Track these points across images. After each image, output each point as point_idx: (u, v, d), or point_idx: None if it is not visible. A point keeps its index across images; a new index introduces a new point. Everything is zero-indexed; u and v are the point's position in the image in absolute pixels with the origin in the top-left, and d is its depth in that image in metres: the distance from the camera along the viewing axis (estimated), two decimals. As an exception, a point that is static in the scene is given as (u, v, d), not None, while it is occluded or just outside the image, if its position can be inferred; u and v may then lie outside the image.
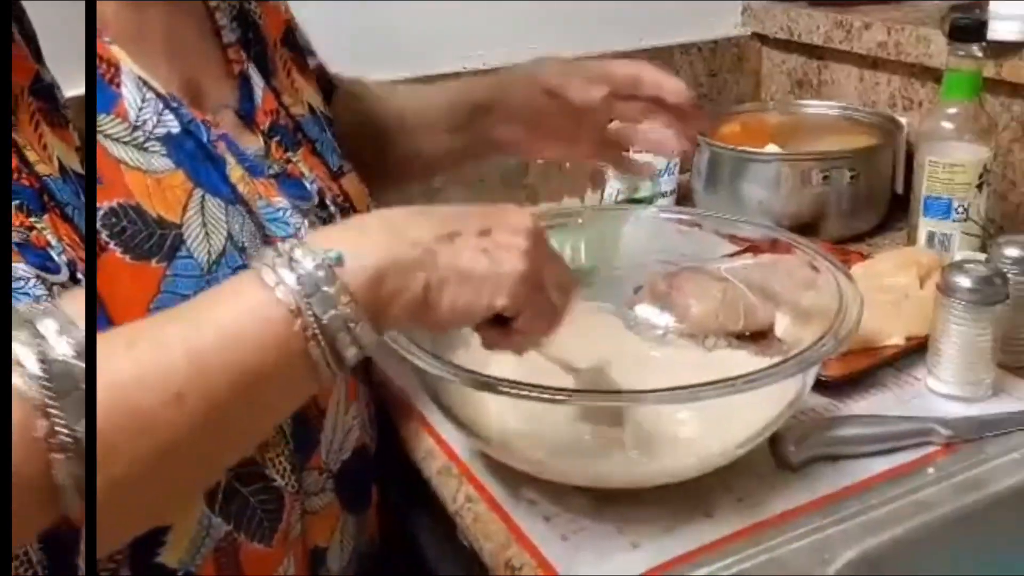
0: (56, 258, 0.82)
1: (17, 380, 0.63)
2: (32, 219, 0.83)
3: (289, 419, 0.98)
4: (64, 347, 0.65)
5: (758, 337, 1.21)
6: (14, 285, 0.78)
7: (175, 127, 0.92)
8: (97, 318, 0.72)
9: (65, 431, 0.63)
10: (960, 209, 1.42)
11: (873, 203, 1.66)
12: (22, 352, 0.64)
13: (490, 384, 0.91)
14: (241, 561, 0.98)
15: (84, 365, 0.64)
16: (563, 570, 0.92)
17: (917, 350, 1.23)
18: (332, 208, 1.05)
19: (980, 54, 1.34)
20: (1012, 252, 1.17)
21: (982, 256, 1.27)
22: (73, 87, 0.95)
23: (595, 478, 1.01)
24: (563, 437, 1.02)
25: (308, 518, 1.04)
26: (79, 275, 0.83)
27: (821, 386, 1.15)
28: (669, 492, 0.99)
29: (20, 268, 0.79)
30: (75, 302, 0.70)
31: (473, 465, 1.08)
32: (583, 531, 0.97)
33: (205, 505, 0.93)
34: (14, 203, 0.83)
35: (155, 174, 0.89)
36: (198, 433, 0.72)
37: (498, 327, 0.87)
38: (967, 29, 1.34)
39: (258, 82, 1.05)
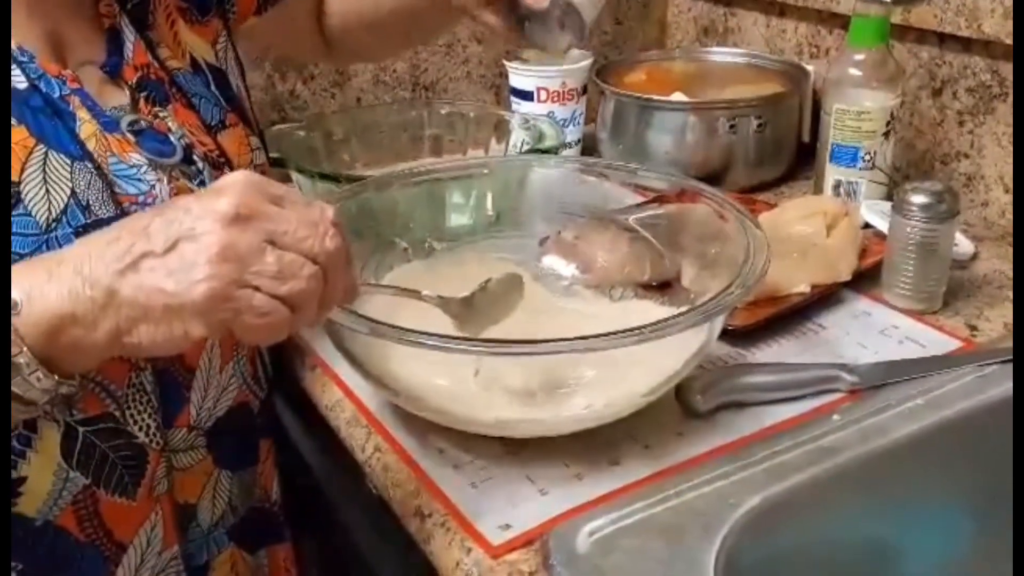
0: (175, 142, 1.00)
1: None
2: (156, 108, 1.01)
3: (152, 377, 0.97)
4: None
5: (665, 287, 1.20)
6: (131, 172, 0.95)
7: (21, 82, 0.91)
8: None
9: None
10: (867, 157, 1.43)
11: (780, 152, 1.67)
12: None
13: (392, 334, 0.90)
14: (102, 514, 0.98)
15: None
16: (472, 516, 0.92)
17: (823, 298, 1.24)
18: (201, 164, 1.01)
19: (888, 0, 1.34)
20: (918, 199, 1.17)
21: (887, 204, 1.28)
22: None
23: (503, 428, 1.00)
24: (471, 388, 1.01)
25: (176, 474, 1.04)
26: (195, 156, 1.01)
27: (728, 335, 1.15)
28: (577, 441, 0.99)
29: (135, 157, 0.96)
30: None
31: (382, 415, 1.08)
32: (492, 479, 0.97)
33: (62, 458, 0.93)
34: (143, 95, 1.00)
35: None
36: None
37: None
38: (874, -26, 1.34)
39: (129, 36, 1.02)
